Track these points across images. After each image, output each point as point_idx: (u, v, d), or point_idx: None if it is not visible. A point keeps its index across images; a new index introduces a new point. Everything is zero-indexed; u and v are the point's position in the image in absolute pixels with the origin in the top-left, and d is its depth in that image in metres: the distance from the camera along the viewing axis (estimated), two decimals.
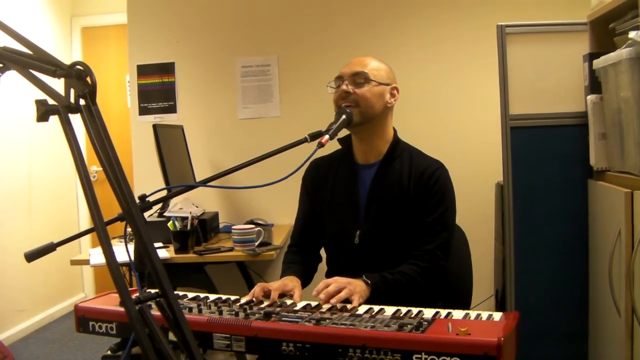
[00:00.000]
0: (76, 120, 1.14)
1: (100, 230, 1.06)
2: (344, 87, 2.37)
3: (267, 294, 2.19)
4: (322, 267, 2.63)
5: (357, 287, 2.14)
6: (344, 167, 2.54)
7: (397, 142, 2.49)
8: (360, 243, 2.43)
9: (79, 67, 1.12)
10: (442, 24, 4.18)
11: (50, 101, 1.12)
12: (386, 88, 2.42)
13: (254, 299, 2.15)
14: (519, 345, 1.75)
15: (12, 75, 1.24)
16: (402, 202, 2.40)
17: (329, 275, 2.53)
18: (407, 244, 2.38)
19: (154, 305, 1.22)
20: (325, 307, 2.01)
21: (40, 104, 1.10)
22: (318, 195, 2.58)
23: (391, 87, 2.45)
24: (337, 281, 2.15)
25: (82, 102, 1.14)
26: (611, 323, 2.61)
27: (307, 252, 2.62)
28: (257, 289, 2.20)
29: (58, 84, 1.14)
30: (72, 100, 1.13)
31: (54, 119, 1.18)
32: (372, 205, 2.43)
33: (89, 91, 1.12)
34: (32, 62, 1.16)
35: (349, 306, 2.02)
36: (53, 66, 1.14)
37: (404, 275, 2.29)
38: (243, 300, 2.12)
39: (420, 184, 2.39)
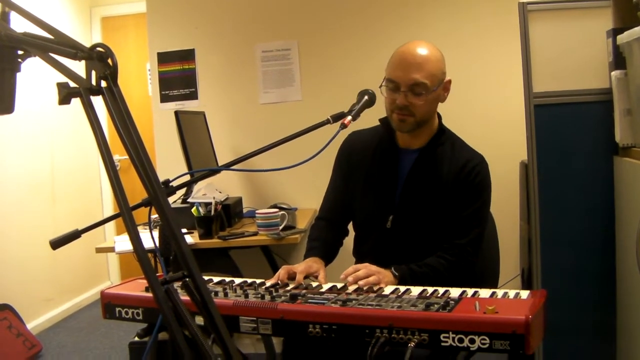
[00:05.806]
0: (98, 105, 1.14)
1: (125, 214, 1.06)
2: (401, 99, 2.26)
3: (291, 277, 2.19)
4: (348, 246, 2.63)
5: (385, 277, 2.13)
6: (383, 148, 2.47)
7: (442, 130, 2.43)
8: (392, 228, 2.39)
9: (99, 49, 1.12)
10: (463, 3, 4.13)
11: (72, 84, 1.12)
12: (441, 88, 2.35)
13: (279, 281, 2.15)
14: (547, 323, 1.74)
15: (32, 67, 1.23)
16: (440, 191, 2.35)
17: (355, 254, 2.52)
18: (438, 234, 2.35)
19: (180, 291, 1.22)
20: (351, 288, 2.01)
21: (62, 86, 1.09)
22: (353, 173, 2.52)
23: (445, 82, 2.36)
24: (368, 267, 2.14)
25: (103, 84, 1.13)
26: (638, 294, 2.60)
27: (335, 226, 2.59)
28: (282, 272, 2.20)
29: (79, 67, 1.14)
30: (93, 82, 1.13)
31: (76, 109, 1.18)
32: (410, 191, 2.38)
33: (110, 73, 1.11)
34: (53, 45, 1.17)
35: (374, 287, 2.01)
36: (74, 49, 1.13)
37: (431, 269, 2.27)
38: (268, 284, 2.12)
39: (460, 176, 2.34)
